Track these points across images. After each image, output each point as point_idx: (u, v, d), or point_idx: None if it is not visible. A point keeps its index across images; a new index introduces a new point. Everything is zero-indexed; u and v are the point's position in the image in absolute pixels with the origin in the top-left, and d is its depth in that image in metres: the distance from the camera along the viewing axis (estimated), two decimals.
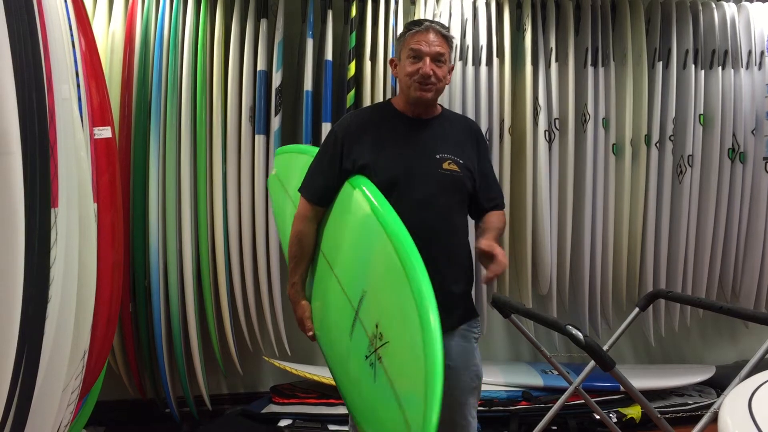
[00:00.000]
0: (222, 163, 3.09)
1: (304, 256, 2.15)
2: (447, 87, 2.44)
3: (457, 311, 2.08)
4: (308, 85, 3.13)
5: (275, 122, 3.12)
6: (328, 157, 2.11)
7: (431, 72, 2.02)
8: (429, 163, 2.07)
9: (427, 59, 2.02)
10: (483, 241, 2.02)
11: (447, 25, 2.93)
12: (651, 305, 2.67)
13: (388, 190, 2.01)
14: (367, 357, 1.72)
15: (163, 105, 3.01)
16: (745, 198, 3.54)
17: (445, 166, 2.07)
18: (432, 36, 2.04)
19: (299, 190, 2.17)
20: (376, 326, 1.72)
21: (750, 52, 3.49)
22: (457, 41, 3.25)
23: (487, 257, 1.97)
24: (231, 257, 3.15)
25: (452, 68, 2.18)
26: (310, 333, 2.13)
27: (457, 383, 2.05)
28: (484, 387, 2.31)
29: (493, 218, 2.17)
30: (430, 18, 3.23)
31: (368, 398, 1.75)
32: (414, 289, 1.63)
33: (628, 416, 3.23)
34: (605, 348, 2.26)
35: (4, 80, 1.29)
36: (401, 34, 2.13)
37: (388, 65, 3.17)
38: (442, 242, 2.04)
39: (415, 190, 2.04)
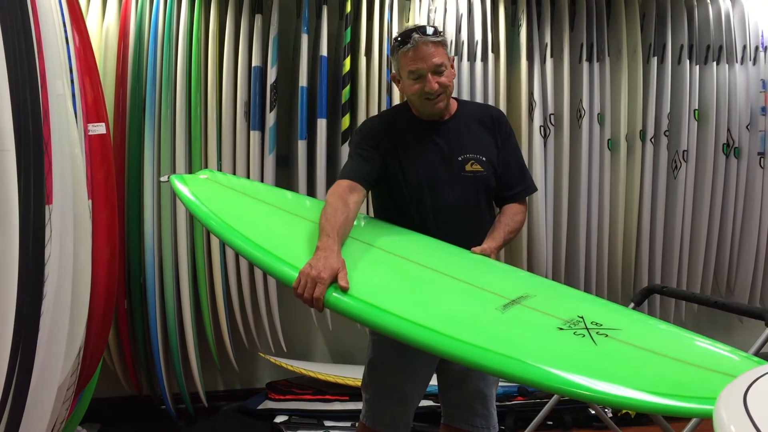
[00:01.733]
0: (217, 159, 3.09)
1: (342, 216, 1.85)
2: None
3: None
4: (303, 80, 3.13)
5: (270, 118, 3.12)
6: (363, 148, 2.05)
7: (436, 86, 2.00)
8: (452, 167, 2.04)
9: (429, 75, 1.99)
10: (477, 248, 1.98)
11: (437, 25, 2.93)
12: (646, 300, 2.67)
13: (416, 197, 2.02)
14: (562, 329, 1.57)
15: (158, 101, 3.00)
16: (740, 193, 3.55)
17: (468, 167, 2.05)
18: (425, 50, 1.98)
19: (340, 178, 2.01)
20: (581, 318, 1.60)
21: (745, 48, 3.50)
22: (451, 36, 3.24)
23: None
24: (226, 253, 3.15)
25: (453, 60, 2.13)
26: (345, 284, 1.67)
27: (483, 374, 2.06)
28: None
29: (508, 214, 2.12)
30: (425, 15, 3.23)
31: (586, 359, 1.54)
32: None
33: (624, 411, 3.24)
34: None
35: None
36: (393, 49, 2.07)
37: (384, 62, 3.19)
38: (476, 244, 2.01)
39: (442, 196, 2.03)
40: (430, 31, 2.00)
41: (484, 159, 2.08)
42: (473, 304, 1.71)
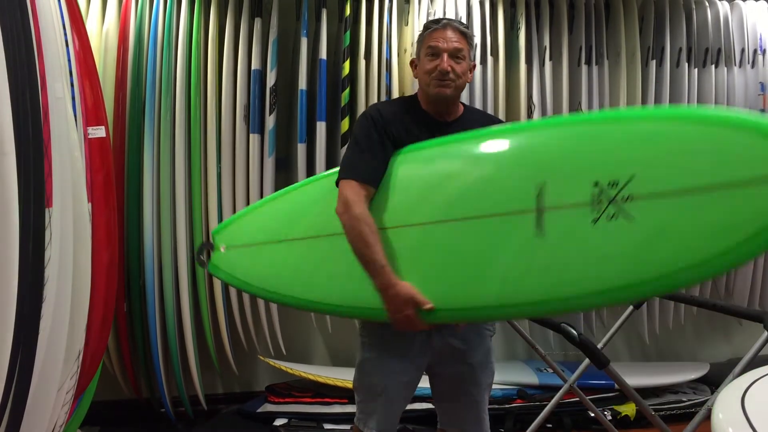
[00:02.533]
0: (216, 162, 3.09)
1: (377, 235, 1.85)
2: None
3: None
4: (303, 83, 3.13)
5: (270, 121, 3.12)
6: (374, 138, 1.98)
7: (449, 68, 2.00)
8: None
9: (445, 55, 2.00)
10: None
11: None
12: (645, 303, 2.68)
13: None
14: (597, 219, 1.56)
15: (158, 104, 3.00)
16: None
17: None
18: (450, 33, 2.01)
19: (341, 177, 1.95)
20: (596, 185, 1.58)
21: (743, 51, 3.50)
22: (476, 39, 3.22)
23: None
24: None
25: (474, 66, 2.13)
26: (429, 305, 1.76)
27: (476, 381, 2.05)
28: None
29: None
30: (424, 18, 3.24)
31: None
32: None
33: (623, 414, 3.24)
34: (600, 346, 2.27)
35: None
36: (420, 35, 2.10)
37: (383, 65, 3.19)
38: None
39: None
40: (463, 24, 2.06)
41: None
42: (509, 243, 1.71)
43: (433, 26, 2.04)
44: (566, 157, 1.69)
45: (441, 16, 2.06)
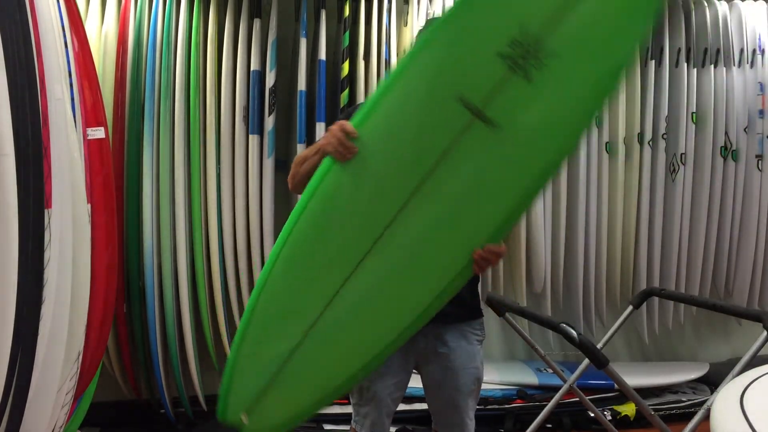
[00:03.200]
0: (216, 163, 3.09)
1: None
2: None
3: (459, 309, 2.03)
4: (302, 84, 3.13)
5: (269, 122, 3.12)
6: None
7: None
8: None
9: None
10: None
11: None
12: (645, 303, 2.67)
13: None
14: (528, 76, 1.59)
15: (157, 105, 3.00)
16: (738, 196, 3.55)
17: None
18: None
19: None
20: (502, 55, 1.60)
21: (742, 51, 3.51)
22: None
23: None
24: (225, 257, 3.15)
25: None
26: (354, 132, 1.71)
27: (456, 384, 2.01)
28: None
29: None
30: (423, 19, 3.24)
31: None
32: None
33: (623, 414, 3.24)
34: (599, 346, 2.26)
35: None
36: (422, 29, 2.11)
37: (383, 65, 3.19)
38: None
39: None
40: None
41: None
42: (483, 156, 1.69)
43: None
44: (456, 61, 1.68)
45: (434, 16, 2.05)
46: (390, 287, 1.77)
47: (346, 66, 3.16)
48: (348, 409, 3.14)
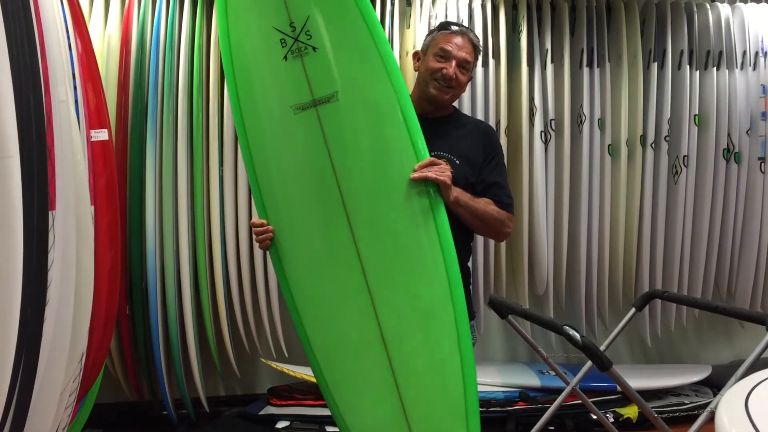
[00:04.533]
0: (219, 165, 3.09)
1: None
2: None
3: None
4: None
5: None
6: None
7: (455, 75, 2.02)
8: None
9: (454, 62, 2.02)
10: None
11: None
12: (647, 305, 2.67)
13: None
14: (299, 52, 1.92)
15: (160, 107, 3.00)
16: (740, 198, 3.55)
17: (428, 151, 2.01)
18: (464, 41, 2.04)
19: None
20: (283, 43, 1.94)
21: (744, 53, 3.51)
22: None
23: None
24: (228, 259, 3.15)
25: (470, 79, 2.16)
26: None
27: None
28: (481, 388, 2.30)
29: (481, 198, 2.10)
30: (426, 22, 3.25)
31: None
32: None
33: (625, 416, 3.23)
34: (602, 348, 2.26)
35: (2, 84, 1.29)
36: (433, 30, 2.12)
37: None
38: None
39: None
40: (476, 38, 2.12)
41: (457, 162, 2.06)
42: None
43: (449, 28, 2.05)
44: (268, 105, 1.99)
45: (456, 21, 2.10)
46: (399, 281, 1.95)
47: None
48: None
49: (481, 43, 2.14)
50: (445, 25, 2.10)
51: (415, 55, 2.17)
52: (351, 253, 1.92)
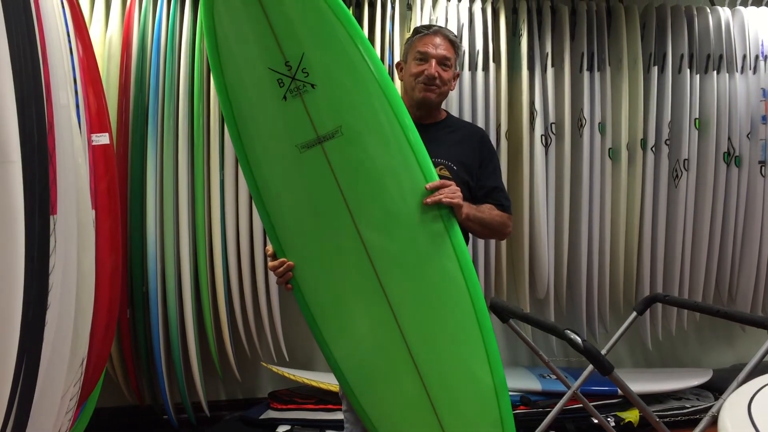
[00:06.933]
0: (219, 169, 3.10)
1: None
2: None
3: None
4: None
5: None
6: None
7: (436, 73, 2.04)
8: None
9: (433, 61, 2.04)
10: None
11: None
12: (648, 309, 2.67)
13: None
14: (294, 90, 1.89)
15: (161, 111, 3.01)
16: (741, 201, 3.55)
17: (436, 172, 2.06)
18: (439, 40, 2.07)
19: None
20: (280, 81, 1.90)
21: (745, 57, 3.51)
22: (464, 48, 3.25)
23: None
24: (229, 263, 3.15)
25: (458, 75, 2.19)
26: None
27: None
28: None
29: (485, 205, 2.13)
30: (428, 23, 3.25)
31: None
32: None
33: (626, 420, 3.23)
34: (603, 352, 2.26)
35: (4, 88, 1.29)
36: (409, 38, 2.15)
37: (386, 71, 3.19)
38: None
39: None
40: (452, 33, 2.13)
41: (454, 168, 2.09)
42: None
43: (423, 31, 2.09)
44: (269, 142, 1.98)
45: (430, 23, 2.13)
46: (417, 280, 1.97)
47: None
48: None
49: (458, 38, 2.15)
50: (418, 30, 2.13)
51: (398, 65, 2.21)
52: (373, 283, 1.93)
